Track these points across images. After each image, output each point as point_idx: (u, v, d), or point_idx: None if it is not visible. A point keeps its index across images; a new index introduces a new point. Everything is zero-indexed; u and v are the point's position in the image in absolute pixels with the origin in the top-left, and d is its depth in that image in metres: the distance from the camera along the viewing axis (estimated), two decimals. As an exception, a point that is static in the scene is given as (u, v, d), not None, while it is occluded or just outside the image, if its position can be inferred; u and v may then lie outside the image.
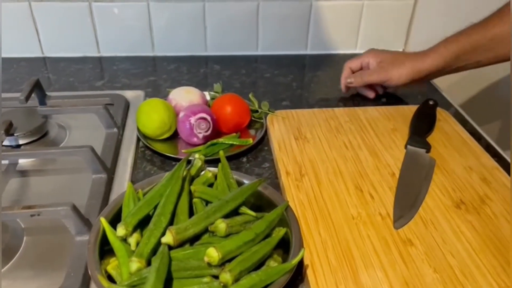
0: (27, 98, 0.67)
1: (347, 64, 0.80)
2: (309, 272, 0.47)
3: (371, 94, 0.82)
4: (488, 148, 0.67)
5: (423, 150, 0.64)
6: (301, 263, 0.47)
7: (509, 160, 0.66)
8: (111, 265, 0.44)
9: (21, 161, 0.63)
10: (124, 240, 0.45)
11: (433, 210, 0.55)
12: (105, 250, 0.46)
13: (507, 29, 0.67)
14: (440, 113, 0.74)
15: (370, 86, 0.81)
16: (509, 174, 0.61)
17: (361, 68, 0.80)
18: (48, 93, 0.76)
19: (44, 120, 0.68)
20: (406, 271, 0.47)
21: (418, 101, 0.77)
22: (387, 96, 0.84)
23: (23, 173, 0.62)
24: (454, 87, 1.04)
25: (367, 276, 0.46)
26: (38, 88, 0.72)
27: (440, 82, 0.90)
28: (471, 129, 0.73)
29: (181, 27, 0.94)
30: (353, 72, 0.80)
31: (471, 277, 0.46)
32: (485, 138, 0.72)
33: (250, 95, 0.76)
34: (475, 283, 0.46)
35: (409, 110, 0.75)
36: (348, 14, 0.97)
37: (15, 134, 0.65)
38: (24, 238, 0.51)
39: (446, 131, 0.70)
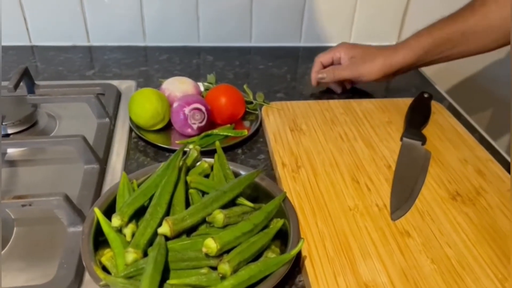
0: (16, 86, 0.65)
1: (318, 59, 0.78)
2: (307, 263, 0.46)
3: (338, 90, 0.80)
4: (482, 141, 0.68)
5: (418, 143, 0.64)
6: (299, 254, 0.47)
7: (502, 152, 0.67)
8: (106, 256, 0.43)
9: (10, 150, 0.61)
10: (119, 230, 0.44)
11: (430, 202, 0.55)
12: (99, 241, 0.45)
13: (479, 23, 0.67)
14: (435, 106, 0.74)
15: (339, 81, 0.79)
16: (503, 166, 0.61)
17: (332, 63, 0.78)
18: (36, 82, 0.74)
19: (33, 109, 0.66)
20: (404, 262, 0.47)
21: (412, 94, 0.77)
22: (380, 88, 0.84)
23: (12, 163, 0.61)
24: (445, 80, 1.05)
25: (365, 266, 0.46)
26: (26, 77, 0.70)
27: (433, 76, 0.90)
28: (464, 122, 0.73)
29: (173, 17, 0.93)
30: (324, 66, 0.78)
31: (468, 268, 0.46)
32: (479, 130, 0.72)
33: (244, 86, 0.75)
34: (472, 274, 0.46)
35: (404, 103, 0.75)
36: (342, 6, 0.96)
37: (3, 123, 0.63)
38: (15, 229, 0.50)
39: (441, 123, 0.70)
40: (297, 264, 0.48)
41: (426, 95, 0.74)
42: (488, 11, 0.66)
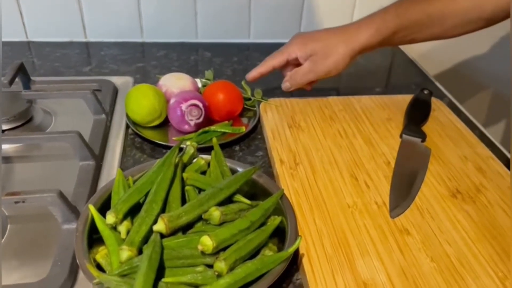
0: (11, 82, 0.64)
1: (269, 62, 0.69)
2: (304, 261, 0.46)
3: (308, 87, 0.73)
4: (482, 137, 0.67)
5: (418, 140, 0.64)
6: (296, 252, 0.46)
7: (502, 149, 0.66)
8: (100, 254, 0.43)
9: (5, 146, 0.60)
10: (113, 228, 0.44)
11: (429, 200, 0.54)
12: (93, 238, 0.44)
13: (447, 6, 0.63)
14: (435, 103, 0.74)
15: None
16: (503, 163, 0.61)
17: (287, 63, 0.70)
18: (32, 78, 0.73)
19: (28, 105, 0.66)
20: (403, 260, 0.46)
21: (412, 91, 0.76)
22: (380, 85, 0.83)
23: (7, 159, 0.60)
24: (445, 76, 1.04)
25: (363, 264, 0.45)
26: (22, 72, 0.70)
27: (433, 73, 0.89)
28: (465, 118, 0.73)
29: (171, 13, 0.92)
30: (276, 68, 0.70)
31: (468, 266, 0.46)
32: (479, 127, 0.71)
33: (242, 83, 0.74)
34: (472, 272, 0.45)
35: (403, 99, 0.74)
36: (341, 3, 0.96)
37: (-2, 119, 0.62)
38: (8, 226, 0.49)
39: (441, 120, 0.70)
40: (295, 262, 0.47)
41: (426, 92, 0.73)
42: None
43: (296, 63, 0.70)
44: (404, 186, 0.56)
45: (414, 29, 0.66)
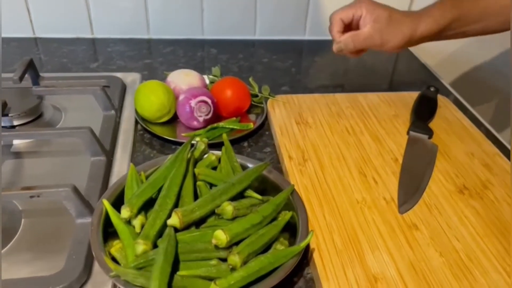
0: (21, 78, 0.64)
1: (337, 15, 0.66)
2: (315, 255, 0.46)
3: (356, 56, 0.70)
4: (488, 135, 0.68)
5: (425, 136, 0.64)
6: (307, 247, 0.47)
7: (508, 146, 0.67)
8: (115, 248, 0.43)
9: (16, 142, 0.61)
10: (128, 222, 0.44)
11: (437, 196, 0.55)
12: (107, 232, 0.45)
13: (498, 1, 0.64)
14: (441, 100, 0.74)
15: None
16: (509, 160, 0.61)
17: (352, 20, 0.66)
18: (41, 74, 0.73)
19: (39, 101, 0.66)
20: (412, 255, 0.47)
21: (418, 88, 0.77)
22: (386, 82, 0.84)
23: (18, 155, 0.60)
24: (450, 74, 1.04)
25: (373, 259, 0.46)
26: (31, 68, 0.70)
27: (438, 70, 0.90)
28: (470, 116, 0.73)
29: (177, 10, 0.92)
30: (344, 24, 0.66)
31: (477, 261, 0.46)
32: (485, 124, 0.72)
33: (250, 79, 0.75)
34: (481, 267, 0.46)
35: (410, 96, 0.74)
36: (348, 1, 0.96)
37: (9, 115, 0.63)
38: (22, 220, 0.50)
39: (447, 117, 0.70)
40: (305, 256, 0.48)
41: (432, 89, 0.74)
42: None
43: (354, 27, 0.67)
44: (412, 182, 0.56)
45: (468, 21, 0.66)
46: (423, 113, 0.69)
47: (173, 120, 0.68)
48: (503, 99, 1.10)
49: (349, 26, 0.66)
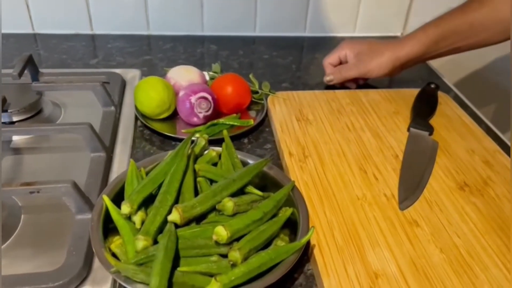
0: (21, 74, 0.64)
1: (326, 61, 0.77)
2: (316, 252, 0.46)
3: (352, 86, 0.78)
4: (489, 132, 0.68)
5: (426, 133, 0.64)
6: (307, 243, 0.47)
7: (509, 143, 0.66)
8: (115, 244, 0.43)
9: (15, 138, 0.61)
10: (128, 218, 0.44)
11: (438, 192, 0.55)
12: (107, 228, 0.45)
13: (487, 14, 0.66)
14: (441, 97, 0.74)
15: (352, 79, 0.77)
16: (510, 157, 0.61)
17: (340, 62, 0.76)
18: (41, 70, 0.73)
19: (38, 96, 0.66)
20: (412, 251, 0.47)
21: (418, 85, 0.77)
22: (386, 79, 0.84)
23: (17, 151, 0.60)
24: (451, 71, 1.04)
25: (374, 255, 0.46)
26: (31, 64, 0.70)
27: (439, 67, 0.90)
28: (471, 113, 0.73)
29: (177, 6, 0.92)
30: (334, 66, 0.77)
31: (477, 257, 0.46)
32: (486, 122, 0.72)
33: (250, 76, 0.75)
34: (481, 263, 0.46)
35: (410, 93, 0.74)
36: (348, -4, 0.96)
37: (8, 111, 0.62)
38: (22, 216, 0.50)
39: (448, 114, 0.70)
40: (306, 252, 0.48)
41: (432, 86, 0.73)
42: (497, 3, 0.66)
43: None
44: (413, 179, 0.56)
45: (456, 39, 0.69)
46: (424, 110, 0.68)
47: (173, 116, 0.67)
48: (504, 97, 1.10)
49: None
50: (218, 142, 0.58)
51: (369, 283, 0.43)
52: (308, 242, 0.47)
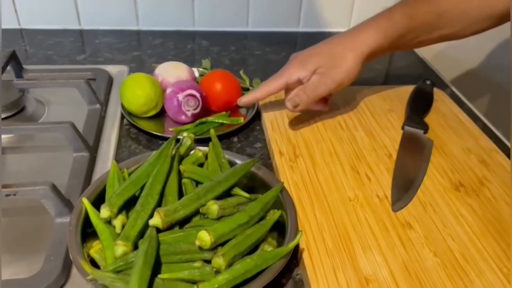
0: (2, 70, 0.62)
1: (265, 88, 0.61)
2: (305, 256, 0.44)
3: (324, 108, 0.65)
4: (485, 129, 0.66)
5: (420, 131, 0.62)
6: (296, 247, 0.45)
7: (506, 141, 0.65)
8: (94, 249, 0.41)
9: (-4, 137, 0.59)
10: (108, 222, 0.42)
11: (432, 193, 0.53)
12: (87, 232, 0.43)
13: (456, 6, 0.59)
14: (437, 93, 0.72)
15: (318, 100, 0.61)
16: (507, 155, 0.60)
17: (287, 89, 0.61)
18: (25, 66, 0.71)
19: (20, 94, 0.64)
20: (405, 255, 0.45)
21: (414, 81, 0.75)
22: (381, 75, 0.82)
23: (-2, 150, 0.58)
24: (447, 67, 1.02)
25: (365, 260, 0.44)
26: (14, 60, 0.67)
27: (435, 63, 0.88)
28: (467, 110, 0.71)
29: (167, 0, 0.90)
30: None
31: (472, 261, 0.45)
32: (482, 119, 0.70)
33: (241, 72, 0.73)
34: (476, 267, 0.44)
35: (405, 90, 0.72)
36: (342, -10, 0.94)
37: (-12, 109, 0.60)
38: (-1, 220, 0.48)
39: (443, 112, 0.68)
40: (295, 257, 0.46)
41: (428, 83, 0.72)
42: None
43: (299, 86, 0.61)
44: (406, 179, 0.54)
45: (423, 30, 0.60)
46: (419, 107, 0.67)
47: (161, 114, 0.66)
48: (500, 93, 1.08)
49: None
50: (206, 141, 0.56)
51: (360, 289, 0.41)
52: (297, 246, 0.45)
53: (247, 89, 0.71)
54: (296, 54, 0.62)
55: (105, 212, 0.41)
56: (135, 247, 0.40)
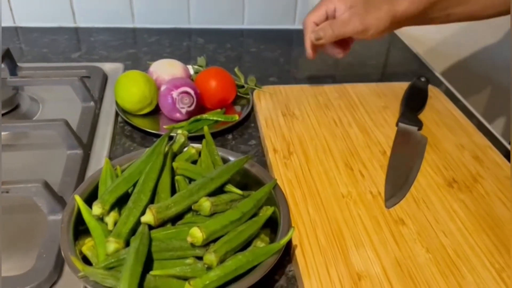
0: (-4, 68, 0.62)
1: (309, 19, 0.63)
2: (297, 253, 0.44)
3: (339, 54, 0.66)
4: (480, 126, 0.66)
5: (415, 128, 0.62)
6: (289, 243, 0.45)
7: (500, 138, 0.65)
8: (86, 246, 0.41)
9: (-10, 135, 0.59)
10: (100, 219, 0.42)
11: (425, 189, 0.53)
12: (80, 230, 0.43)
13: None
14: (432, 90, 0.72)
15: (339, 42, 0.64)
16: (501, 152, 0.60)
17: (326, 16, 0.62)
18: (19, 64, 0.71)
19: (15, 92, 0.64)
20: (398, 251, 0.45)
21: (409, 78, 0.75)
22: (376, 72, 0.82)
23: (-8, 148, 0.58)
24: (441, 64, 1.02)
25: (357, 256, 0.44)
26: (8, 58, 0.67)
27: (430, 60, 0.88)
28: (462, 107, 0.71)
29: (163, -2, 0.90)
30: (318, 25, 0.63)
31: (465, 257, 0.45)
32: (476, 116, 0.70)
33: (235, 70, 0.73)
34: (469, 263, 0.44)
35: (400, 87, 0.72)
36: (338, -13, 0.93)
37: (-18, 107, 0.60)
38: (-8, 217, 0.48)
39: (438, 109, 0.68)
40: (288, 253, 0.46)
41: (423, 80, 0.72)
42: None
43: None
44: (400, 176, 0.54)
45: (452, 2, 0.62)
46: (413, 104, 0.67)
47: (156, 112, 0.65)
48: (494, 89, 1.08)
49: None
50: (201, 138, 0.56)
51: (352, 285, 0.42)
52: (290, 243, 0.45)
53: (242, 86, 0.71)
54: None
55: (97, 209, 0.41)
56: (127, 244, 0.40)
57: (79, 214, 0.43)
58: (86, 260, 0.40)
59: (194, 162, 0.51)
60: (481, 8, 0.64)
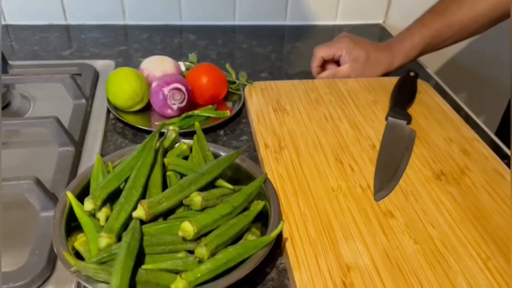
0: (-14, 66, 0.62)
1: (318, 53, 0.73)
2: (288, 245, 0.45)
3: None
4: (468, 119, 0.67)
5: (404, 122, 0.63)
6: (280, 236, 0.46)
7: (487, 130, 0.66)
8: (79, 241, 0.42)
9: (-19, 133, 0.59)
10: (92, 215, 0.43)
11: (414, 182, 0.54)
12: (72, 226, 0.43)
13: (466, 14, 0.68)
14: (421, 85, 0.73)
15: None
16: (488, 145, 0.61)
17: (333, 58, 0.74)
18: (10, 62, 0.71)
19: (5, 90, 0.64)
20: (386, 243, 0.46)
21: (398, 73, 0.75)
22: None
23: (-17, 146, 0.58)
24: (431, 59, 1.03)
25: (347, 248, 0.45)
26: (-2, 56, 0.67)
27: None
28: (451, 100, 0.72)
29: (154, -6, 0.90)
30: (324, 60, 0.74)
31: (452, 248, 0.46)
32: (465, 109, 0.71)
33: (227, 66, 0.73)
34: (456, 254, 0.45)
35: (390, 82, 0.73)
36: (328, -16, 0.94)
37: (-28, 105, 0.60)
38: (-16, 214, 0.48)
39: (427, 102, 0.69)
40: (279, 246, 0.47)
41: (412, 74, 0.72)
42: (474, 3, 0.67)
43: (335, 61, 0.75)
44: (389, 169, 0.55)
45: (437, 42, 0.72)
46: (402, 98, 0.67)
47: (147, 108, 0.66)
48: (485, 84, 1.10)
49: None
50: (193, 134, 0.56)
51: (341, 276, 0.42)
52: (281, 236, 0.46)
53: (233, 82, 0.72)
54: (347, 35, 0.74)
55: (89, 204, 0.41)
56: (119, 239, 0.40)
57: (71, 210, 0.43)
58: (78, 256, 0.41)
59: (186, 157, 0.52)
60: (470, 33, 0.71)
